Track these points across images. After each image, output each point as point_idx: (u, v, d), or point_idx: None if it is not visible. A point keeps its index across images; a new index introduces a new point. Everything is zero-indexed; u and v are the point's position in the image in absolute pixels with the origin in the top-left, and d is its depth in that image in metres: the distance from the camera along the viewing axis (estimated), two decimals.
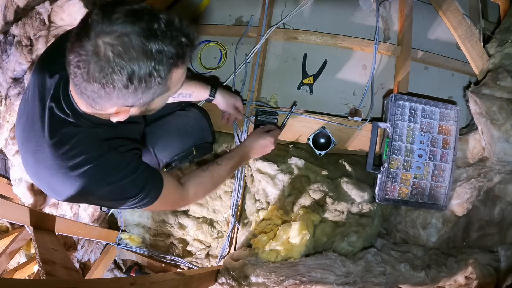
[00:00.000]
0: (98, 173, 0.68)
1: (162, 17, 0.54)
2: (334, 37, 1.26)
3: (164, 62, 0.55)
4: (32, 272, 1.54)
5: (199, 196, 0.91)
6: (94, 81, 0.54)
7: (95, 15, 0.52)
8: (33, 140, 0.68)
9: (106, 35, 0.52)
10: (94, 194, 0.70)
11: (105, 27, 0.52)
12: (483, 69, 1.23)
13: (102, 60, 0.52)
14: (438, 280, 1.05)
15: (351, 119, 1.20)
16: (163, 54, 0.54)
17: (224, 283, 1.03)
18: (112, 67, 0.52)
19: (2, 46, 1.36)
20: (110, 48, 0.52)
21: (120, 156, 0.71)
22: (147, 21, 0.53)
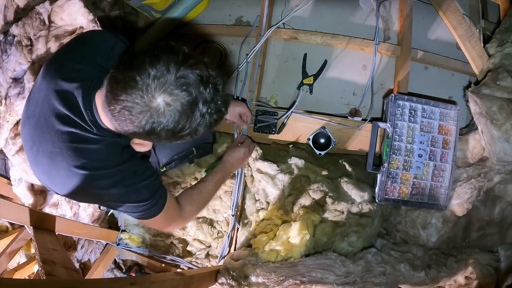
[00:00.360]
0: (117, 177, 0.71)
1: (212, 83, 0.59)
2: (334, 37, 1.26)
3: (204, 126, 0.61)
4: (32, 272, 1.54)
5: (193, 213, 0.95)
6: (141, 128, 0.58)
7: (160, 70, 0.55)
8: (49, 141, 0.68)
9: (168, 95, 0.56)
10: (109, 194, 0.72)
11: (169, 88, 0.55)
12: (483, 69, 1.23)
13: (159, 116, 0.57)
14: (438, 280, 1.05)
15: (351, 119, 1.20)
16: (206, 119, 0.61)
17: (224, 283, 1.03)
18: (164, 124, 0.58)
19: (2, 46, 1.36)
20: (168, 108, 0.56)
21: (138, 163, 0.75)
22: (203, 89, 0.58)
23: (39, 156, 0.71)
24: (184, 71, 0.56)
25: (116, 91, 0.57)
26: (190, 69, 0.56)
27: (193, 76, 0.56)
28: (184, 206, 0.90)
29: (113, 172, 0.70)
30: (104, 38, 0.80)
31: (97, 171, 0.68)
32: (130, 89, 0.55)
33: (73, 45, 0.80)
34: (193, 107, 0.57)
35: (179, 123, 0.58)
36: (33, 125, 0.71)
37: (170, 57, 0.56)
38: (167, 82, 0.55)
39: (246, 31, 1.32)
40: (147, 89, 0.55)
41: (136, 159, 0.74)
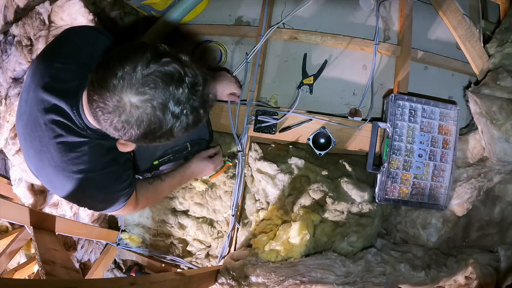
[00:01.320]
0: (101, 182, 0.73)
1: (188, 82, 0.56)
2: (334, 37, 1.26)
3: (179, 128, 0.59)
4: (32, 272, 1.54)
5: (143, 206, 0.98)
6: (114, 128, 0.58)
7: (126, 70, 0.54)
8: (37, 139, 0.70)
9: (134, 95, 0.54)
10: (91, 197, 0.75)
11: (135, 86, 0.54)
12: (483, 69, 1.23)
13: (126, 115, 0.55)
14: (438, 280, 1.05)
15: (351, 119, 1.20)
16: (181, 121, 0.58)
17: (224, 283, 1.03)
18: (134, 124, 0.56)
19: (2, 46, 1.36)
20: (135, 109, 0.55)
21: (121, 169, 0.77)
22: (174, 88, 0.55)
23: (29, 151, 0.73)
24: (153, 70, 0.54)
25: (91, 93, 0.57)
26: (159, 68, 0.54)
27: (162, 75, 0.54)
28: (139, 199, 0.93)
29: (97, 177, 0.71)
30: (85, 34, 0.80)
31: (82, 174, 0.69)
32: (100, 89, 0.55)
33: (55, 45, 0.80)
34: (163, 108, 0.55)
35: (149, 125, 0.56)
36: (24, 123, 0.73)
37: (139, 56, 0.54)
38: (134, 82, 0.53)
39: (246, 31, 1.32)
40: (114, 90, 0.54)
41: (120, 164, 0.76)
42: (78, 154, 0.69)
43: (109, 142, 0.72)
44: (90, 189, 0.72)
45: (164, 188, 1.01)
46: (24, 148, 0.75)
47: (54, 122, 0.68)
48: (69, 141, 0.68)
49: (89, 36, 0.79)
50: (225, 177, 1.27)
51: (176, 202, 1.36)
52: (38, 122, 0.69)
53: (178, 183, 1.06)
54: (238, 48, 1.33)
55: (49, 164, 0.69)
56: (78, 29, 0.85)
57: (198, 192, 1.32)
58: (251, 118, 1.19)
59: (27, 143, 0.72)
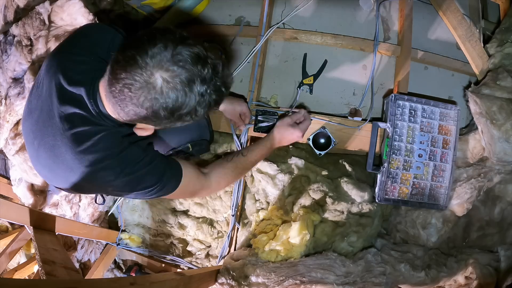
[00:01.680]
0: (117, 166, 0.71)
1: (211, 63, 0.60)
2: (334, 37, 1.26)
3: (203, 105, 0.62)
4: (32, 272, 1.54)
5: (222, 186, 0.96)
6: (141, 106, 0.59)
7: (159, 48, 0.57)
8: (50, 135, 0.69)
9: (165, 71, 0.57)
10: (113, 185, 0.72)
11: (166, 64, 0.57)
12: (483, 69, 1.23)
13: (156, 92, 0.58)
14: (438, 280, 1.05)
15: (351, 119, 1.20)
16: (205, 98, 0.61)
17: (224, 283, 1.03)
18: (163, 101, 0.58)
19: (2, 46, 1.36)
20: (166, 84, 0.57)
21: (139, 149, 0.74)
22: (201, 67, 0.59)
23: (40, 150, 0.71)
24: (181, 49, 0.57)
25: (116, 71, 0.58)
26: (187, 48, 0.58)
27: (190, 54, 0.58)
28: (210, 178, 0.90)
29: (114, 163, 0.70)
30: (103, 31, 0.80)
31: (98, 163, 0.68)
32: (130, 67, 0.56)
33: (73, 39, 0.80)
34: (190, 84, 0.58)
35: (177, 100, 0.59)
36: (35, 119, 0.72)
37: (168, 36, 0.58)
38: (165, 59, 0.56)
39: (246, 31, 1.32)
40: (146, 66, 0.56)
41: (137, 146, 0.74)
42: (93, 142, 0.68)
43: (126, 129, 0.72)
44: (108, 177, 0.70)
45: (246, 163, 0.98)
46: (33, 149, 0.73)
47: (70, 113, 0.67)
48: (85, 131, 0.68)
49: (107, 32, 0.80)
50: None
51: (176, 202, 1.36)
52: (52, 115, 0.68)
53: (262, 156, 1.02)
54: (238, 48, 1.33)
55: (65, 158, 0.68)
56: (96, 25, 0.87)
57: None
58: (251, 118, 1.19)
59: (37, 141, 0.71)
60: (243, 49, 1.33)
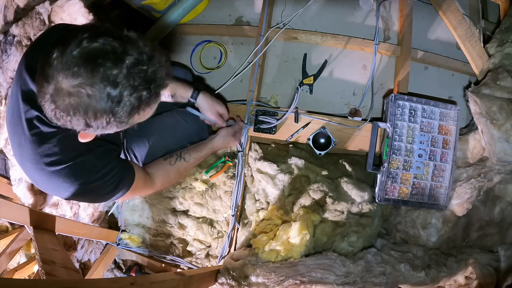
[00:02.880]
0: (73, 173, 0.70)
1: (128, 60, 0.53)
2: (334, 37, 1.26)
3: (123, 110, 0.55)
4: (32, 272, 1.54)
5: (165, 186, 1.02)
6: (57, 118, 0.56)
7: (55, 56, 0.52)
8: (17, 134, 0.71)
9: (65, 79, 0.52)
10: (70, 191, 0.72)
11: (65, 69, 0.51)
12: (483, 69, 1.23)
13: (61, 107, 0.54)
14: (438, 280, 1.05)
15: (351, 119, 1.20)
16: (123, 103, 0.54)
17: (224, 283, 1.03)
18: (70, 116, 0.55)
19: (2, 46, 1.36)
20: (68, 96, 0.53)
21: (96, 158, 0.73)
22: (109, 68, 0.51)
23: (13, 147, 0.74)
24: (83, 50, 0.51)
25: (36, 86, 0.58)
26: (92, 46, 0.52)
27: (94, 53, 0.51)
28: (155, 179, 0.94)
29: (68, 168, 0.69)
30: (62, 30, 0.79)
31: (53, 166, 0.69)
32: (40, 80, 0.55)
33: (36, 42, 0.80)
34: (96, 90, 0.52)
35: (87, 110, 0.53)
36: (9, 118, 0.74)
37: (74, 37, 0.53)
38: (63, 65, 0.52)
39: (246, 31, 1.32)
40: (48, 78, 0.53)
41: (94, 153, 0.73)
42: (50, 145, 0.68)
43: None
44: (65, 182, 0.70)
45: (188, 167, 1.03)
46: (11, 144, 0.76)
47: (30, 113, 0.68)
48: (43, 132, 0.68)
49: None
50: (225, 177, 1.27)
51: (176, 202, 1.36)
52: (18, 115, 0.70)
53: (201, 159, 1.08)
54: (238, 48, 1.33)
55: (26, 157, 0.70)
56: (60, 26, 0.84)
57: (198, 192, 1.32)
58: (251, 118, 1.19)
59: (11, 137, 0.74)
60: (243, 49, 1.33)
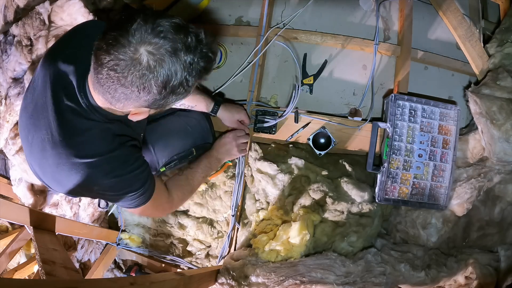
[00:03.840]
0: (107, 166, 0.70)
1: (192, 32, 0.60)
2: (334, 37, 1.26)
3: (193, 74, 0.61)
4: (32, 272, 1.54)
5: (182, 200, 0.98)
6: (131, 85, 0.57)
7: (138, 24, 0.56)
8: (42, 128, 0.69)
9: (148, 45, 0.56)
10: (100, 184, 0.72)
11: (148, 37, 0.56)
12: (483, 69, 1.23)
13: (143, 67, 0.56)
14: (438, 280, 1.05)
15: (351, 119, 1.20)
16: (194, 66, 0.60)
17: (224, 283, 1.03)
18: (152, 75, 0.57)
19: (2, 46, 1.36)
20: (152, 57, 0.56)
21: (129, 152, 0.75)
22: (183, 36, 0.58)
23: (33, 145, 0.72)
24: (161, 21, 0.57)
25: (100, 57, 0.57)
26: (166, 19, 0.57)
27: (170, 24, 0.57)
28: (172, 193, 0.92)
29: (103, 161, 0.69)
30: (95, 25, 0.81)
31: (86, 159, 0.68)
32: (113, 48, 0.55)
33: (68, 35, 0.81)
34: (176, 53, 0.57)
35: (166, 71, 0.57)
36: (30, 113, 0.72)
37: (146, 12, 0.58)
38: (146, 33, 0.56)
39: (246, 31, 1.32)
40: (129, 44, 0.55)
41: (127, 148, 0.74)
42: (84, 138, 0.68)
43: (116, 126, 0.72)
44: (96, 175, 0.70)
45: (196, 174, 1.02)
46: (27, 144, 0.74)
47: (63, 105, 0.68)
48: (76, 125, 0.68)
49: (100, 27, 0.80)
50: (225, 177, 1.27)
51: None
52: (46, 107, 0.68)
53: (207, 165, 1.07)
54: (238, 48, 1.33)
55: (52, 153, 0.68)
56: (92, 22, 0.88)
57: (198, 192, 1.32)
58: (251, 118, 1.19)
59: (31, 135, 0.71)
60: (243, 49, 1.33)
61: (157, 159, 1.05)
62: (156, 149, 1.04)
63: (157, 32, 0.56)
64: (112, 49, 0.56)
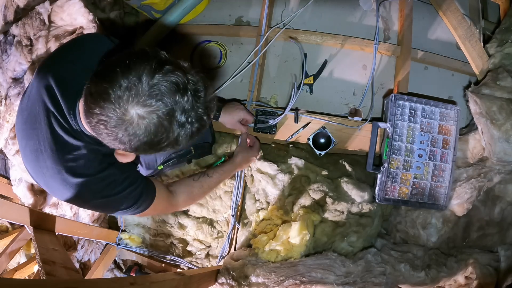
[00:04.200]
0: (95, 186, 0.71)
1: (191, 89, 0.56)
2: (334, 37, 1.26)
3: (184, 136, 0.58)
4: (32, 272, 1.55)
5: (188, 203, 0.99)
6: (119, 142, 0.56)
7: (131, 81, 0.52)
8: (35, 138, 0.69)
9: (141, 107, 0.53)
10: (89, 202, 0.73)
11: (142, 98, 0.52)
12: (483, 69, 1.23)
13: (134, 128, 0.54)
14: (438, 280, 1.05)
15: (351, 119, 1.20)
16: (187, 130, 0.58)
17: (224, 283, 1.03)
18: (141, 137, 0.55)
19: (2, 46, 1.36)
20: (142, 121, 0.54)
21: (119, 171, 0.74)
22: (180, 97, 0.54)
23: (27, 151, 0.72)
24: (158, 80, 0.53)
25: (90, 104, 0.55)
26: (164, 77, 0.53)
27: (168, 85, 0.53)
28: (178, 196, 0.92)
29: (91, 182, 0.69)
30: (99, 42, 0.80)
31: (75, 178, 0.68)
32: (103, 102, 0.53)
33: (68, 46, 0.80)
34: (170, 118, 0.55)
35: (156, 135, 0.55)
36: (24, 119, 0.72)
37: (143, 66, 0.53)
38: (140, 93, 0.52)
39: (246, 31, 1.32)
40: (119, 101, 0.52)
41: (117, 167, 0.73)
42: (74, 156, 0.68)
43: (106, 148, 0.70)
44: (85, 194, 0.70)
45: (211, 184, 1.01)
46: (21, 146, 0.74)
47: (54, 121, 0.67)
48: (66, 143, 0.67)
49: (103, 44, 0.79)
50: None
51: None
52: (38, 120, 0.68)
53: (225, 178, 1.06)
54: (238, 48, 1.33)
55: (45, 165, 0.68)
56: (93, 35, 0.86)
57: None
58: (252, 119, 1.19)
59: (25, 141, 0.71)
60: (243, 49, 1.33)
61: (155, 156, 1.05)
62: None
63: (152, 94, 0.53)
64: (102, 102, 0.53)
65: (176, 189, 0.92)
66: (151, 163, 1.05)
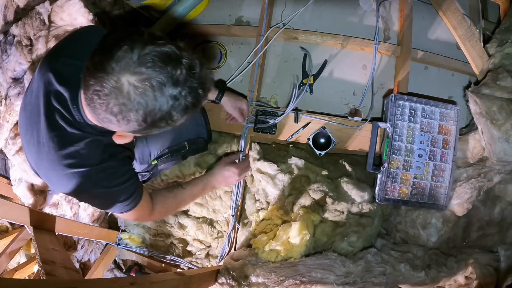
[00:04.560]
0: (96, 176, 0.72)
1: (185, 63, 0.56)
2: (334, 37, 1.26)
3: (178, 110, 0.58)
4: (32, 272, 1.55)
5: (162, 214, 0.98)
6: (110, 113, 0.56)
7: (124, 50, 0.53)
8: (37, 132, 0.70)
9: (131, 75, 0.53)
10: (88, 193, 0.74)
11: (133, 66, 0.53)
12: (483, 69, 1.23)
13: (124, 97, 0.54)
14: (438, 280, 1.05)
15: (351, 119, 1.20)
16: (180, 101, 0.57)
17: (224, 283, 1.03)
18: (132, 106, 0.55)
19: (2, 46, 1.36)
20: (133, 89, 0.54)
21: (119, 164, 0.76)
22: (171, 68, 0.55)
23: (30, 144, 0.73)
24: (150, 50, 0.54)
25: (86, 79, 0.56)
26: (156, 47, 0.54)
27: (159, 54, 0.54)
28: (155, 206, 0.92)
29: (92, 171, 0.71)
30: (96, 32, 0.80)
31: (77, 168, 0.69)
32: (97, 72, 0.54)
33: (67, 40, 0.81)
34: (161, 87, 0.54)
35: (147, 105, 0.55)
36: (28, 114, 0.73)
37: (135, 37, 0.55)
38: (131, 62, 0.53)
39: (246, 31, 1.32)
40: (112, 71, 0.53)
41: (117, 160, 0.75)
42: (75, 148, 0.69)
43: (108, 138, 0.72)
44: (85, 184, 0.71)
45: (185, 196, 1.00)
46: (25, 141, 0.75)
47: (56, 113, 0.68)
48: (68, 135, 0.69)
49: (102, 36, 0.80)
50: None
51: None
52: (40, 112, 0.69)
53: (200, 192, 1.05)
54: (238, 48, 1.33)
55: (46, 157, 0.69)
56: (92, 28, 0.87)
57: None
58: (251, 118, 1.19)
59: (28, 135, 0.73)
60: (243, 49, 1.33)
61: (149, 150, 1.05)
62: (148, 141, 1.04)
63: (143, 62, 0.53)
64: (97, 73, 0.54)
65: (153, 199, 0.93)
66: (145, 157, 1.04)
